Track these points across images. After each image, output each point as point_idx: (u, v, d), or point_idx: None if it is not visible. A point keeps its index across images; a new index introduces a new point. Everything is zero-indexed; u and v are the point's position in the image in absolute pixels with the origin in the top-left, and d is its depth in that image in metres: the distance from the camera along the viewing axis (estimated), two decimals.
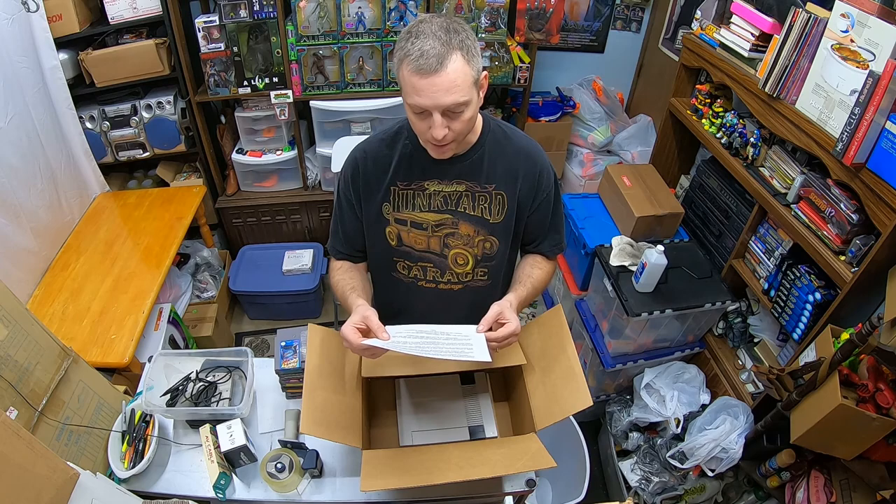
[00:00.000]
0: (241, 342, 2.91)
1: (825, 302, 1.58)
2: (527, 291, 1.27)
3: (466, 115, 1.06)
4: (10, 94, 1.90)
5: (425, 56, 0.97)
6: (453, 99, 1.01)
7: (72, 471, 1.00)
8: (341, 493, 1.26)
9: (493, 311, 1.13)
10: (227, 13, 2.33)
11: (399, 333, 1.09)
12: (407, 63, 0.99)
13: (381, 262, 1.35)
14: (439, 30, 0.99)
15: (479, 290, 1.34)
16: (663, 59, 2.92)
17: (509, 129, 1.25)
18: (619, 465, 2.12)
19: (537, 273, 1.32)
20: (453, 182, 1.21)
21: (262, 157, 2.76)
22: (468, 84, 1.02)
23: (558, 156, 3.16)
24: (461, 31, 1.01)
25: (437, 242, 1.26)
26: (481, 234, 1.24)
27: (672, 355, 2.15)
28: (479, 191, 1.21)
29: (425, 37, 0.98)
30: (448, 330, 1.14)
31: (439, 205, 1.23)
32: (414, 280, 1.33)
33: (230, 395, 1.40)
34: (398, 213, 1.25)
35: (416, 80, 0.99)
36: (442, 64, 0.98)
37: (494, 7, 2.51)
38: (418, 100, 1.01)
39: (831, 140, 1.47)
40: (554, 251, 1.35)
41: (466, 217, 1.23)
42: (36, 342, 1.17)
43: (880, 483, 1.43)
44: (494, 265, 1.31)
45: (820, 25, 1.51)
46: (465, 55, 1.00)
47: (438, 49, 0.97)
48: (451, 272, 1.30)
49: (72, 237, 2.29)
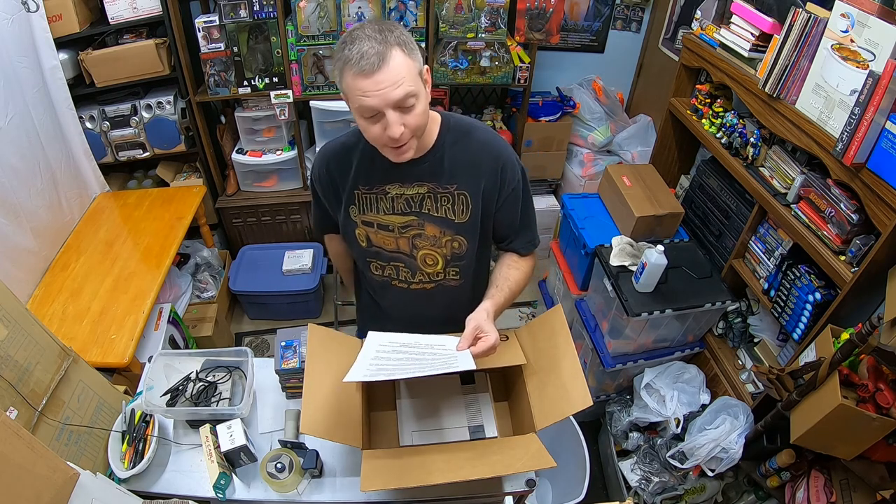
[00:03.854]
0: (241, 342, 2.91)
1: (825, 302, 1.58)
2: (504, 296, 1.26)
3: (418, 108, 1.05)
4: (10, 94, 1.90)
5: (366, 56, 0.97)
6: (402, 91, 1.00)
7: (72, 471, 1.00)
8: (341, 493, 1.26)
9: (471, 327, 1.13)
10: (227, 13, 2.33)
11: (383, 347, 1.10)
12: (348, 68, 0.99)
13: (358, 260, 1.38)
14: (373, 31, 0.99)
15: (452, 289, 1.34)
16: (663, 59, 2.92)
17: (471, 126, 1.23)
18: (619, 465, 2.12)
19: (514, 274, 1.31)
20: (414, 185, 1.21)
21: (262, 157, 2.76)
22: (413, 75, 1.02)
23: (558, 156, 3.16)
24: (395, 28, 1.02)
25: (406, 243, 1.27)
26: (447, 234, 1.24)
27: (672, 355, 2.15)
28: (441, 192, 1.21)
29: (361, 40, 0.98)
30: (431, 342, 1.15)
31: (403, 208, 1.23)
32: (388, 279, 1.34)
33: (230, 395, 1.40)
34: (364, 215, 1.25)
35: (361, 82, 0.99)
36: (384, 60, 0.97)
37: (494, 7, 2.51)
38: (367, 101, 1.00)
39: (831, 140, 1.47)
40: (528, 248, 1.34)
41: (431, 218, 1.23)
42: (36, 342, 1.17)
43: (880, 483, 1.43)
44: (465, 264, 1.31)
45: (820, 25, 1.51)
46: (404, 49, 1.01)
47: (377, 48, 0.97)
48: (421, 272, 1.30)
49: (72, 237, 2.29)
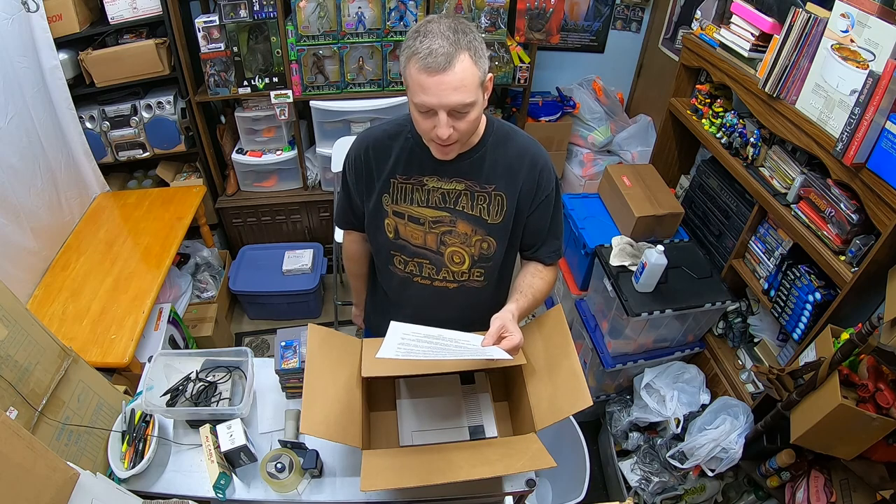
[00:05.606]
0: (241, 342, 2.90)
1: (825, 302, 1.58)
2: (528, 302, 1.26)
3: (472, 115, 1.06)
4: (10, 94, 1.90)
5: (434, 54, 0.97)
6: (460, 99, 1.01)
7: (72, 471, 1.00)
8: (341, 493, 1.26)
9: (496, 326, 1.11)
10: (227, 13, 2.33)
11: (407, 337, 1.09)
12: (415, 61, 0.99)
13: (380, 254, 1.36)
14: (448, 30, 0.99)
15: (474, 290, 1.33)
16: (663, 59, 2.92)
17: (512, 130, 1.25)
18: (619, 465, 2.12)
19: (538, 283, 1.30)
20: (452, 180, 1.21)
21: (262, 157, 2.76)
22: (475, 85, 1.02)
23: (558, 156, 3.16)
24: (469, 31, 1.01)
25: (434, 239, 1.26)
26: (479, 233, 1.24)
27: (672, 355, 2.15)
28: (479, 190, 1.21)
29: (434, 36, 0.98)
30: (455, 336, 1.13)
31: (437, 201, 1.23)
32: (409, 275, 1.33)
33: (230, 395, 1.40)
34: (396, 205, 1.25)
35: (424, 79, 0.99)
36: (450, 63, 0.98)
37: (494, 7, 2.51)
38: (425, 98, 1.01)
39: (831, 140, 1.47)
40: (552, 257, 1.34)
41: (464, 216, 1.23)
42: (36, 342, 1.17)
43: (880, 483, 1.43)
44: (491, 266, 1.30)
45: (820, 25, 1.51)
46: (472, 56, 1.01)
47: (447, 48, 0.97)
48: (447, 270, 1.30)
49: (72, 237, 2.29)
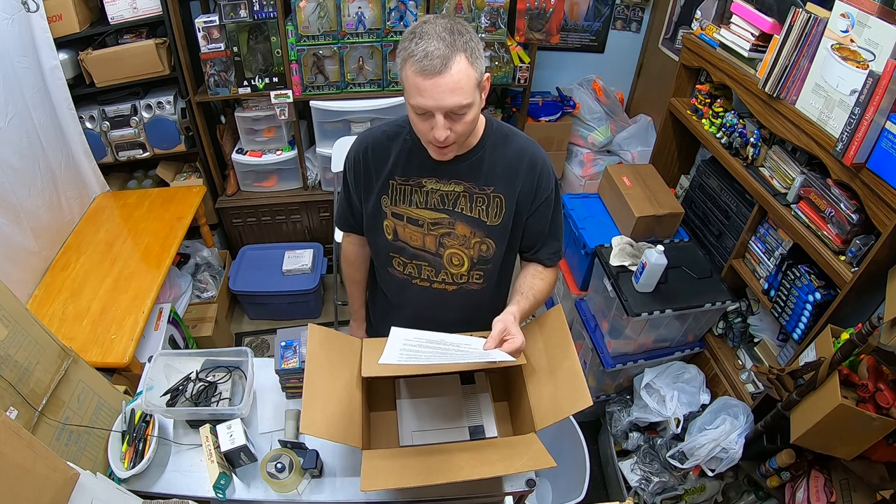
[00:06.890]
0: (241, 342, 2.90)
1: (825, 302, 1.58)
2: (528, 304, 1.26)
3: (469, 117, 1.05)
4: (10, 94, 1.90)
5: (429, 57, 0.97)
6: (456, 101, 1.00)
7: (72, 471, 1.00)
8: (341, 493, 1.26)
9: (498, 329, 1.12)
10: (227, 13, 2.33)
11: (409, 342, 1.09)
12: (411, 63, 0.99)
13: (379, 256, 1.36)
14: (443, 31, 0.98)
15: (473, 292, 1.33)
16: (663, 59, 2.92)
17: (511, 131, 1.24)
18: (619, 465, 2.12)
19: (539, 284, 1.30)
20: (451, 182, 1.21)
21: (262, 157, 2.76)
22: (471, 86, 1.02)
23: (558, 156, 3.16)
24: (465, 32, 1.01)
25: (433, 241, 1.26)
26: (478, 235, 1.24)
27: (672, 355, 2.15)
28: (478, 192, 1.21)
29: (429, 38, 0.98)
30: (456, 340, 1.13)
31: (436, 203, 1.23)
32: (408, 277, 1.33)
33: (230, 395, 1.40)
34: (395, 207, 1.25)
35: (420, 81, 0.99)
36: (446, 65, 0.97)
37: (494, 7, 2.51)
38: (421, 101, 1.01)
39: (831, 140, 1.47)
40: (552, 259, 1.33)
41: (463, 217, 1.23)
42: (36, 342, 1.17)
43: (880, 483, 1.43)
44: (490, 268, 1.30)
45: (820, 25, 1.51)
46: (468, 57, 1.00)
47: (443, 50, 0.97)
48: (446, 272, 1.29)
49: (72, 237, 2.28)
